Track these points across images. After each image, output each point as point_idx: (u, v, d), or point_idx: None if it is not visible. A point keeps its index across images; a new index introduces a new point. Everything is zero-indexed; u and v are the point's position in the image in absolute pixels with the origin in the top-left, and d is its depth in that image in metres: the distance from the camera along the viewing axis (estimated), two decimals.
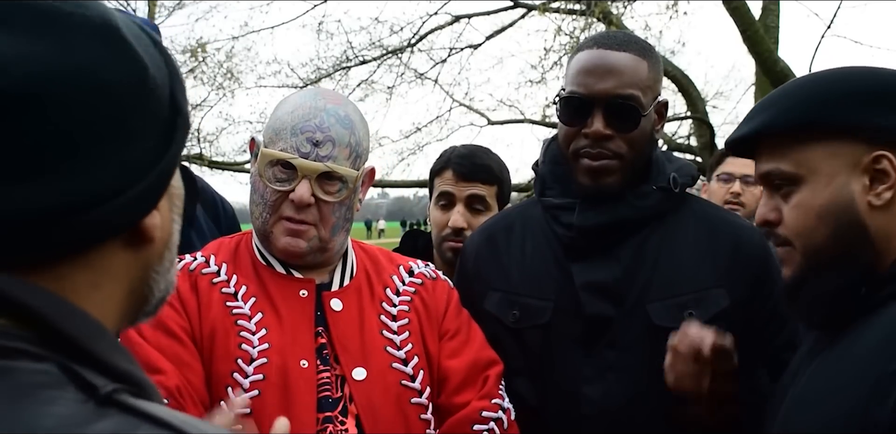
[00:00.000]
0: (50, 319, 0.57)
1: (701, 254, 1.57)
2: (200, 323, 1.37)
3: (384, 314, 1.47)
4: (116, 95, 0.60)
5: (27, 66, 0.56)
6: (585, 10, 8.73)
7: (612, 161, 1.53)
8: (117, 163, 0.60)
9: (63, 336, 0.58)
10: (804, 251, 1.15)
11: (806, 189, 1.13)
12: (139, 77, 0.62)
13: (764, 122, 1.16)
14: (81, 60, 0.59)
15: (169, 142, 0.65)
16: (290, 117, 1.41)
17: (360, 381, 1.38)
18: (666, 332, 1.51)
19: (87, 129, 0.58)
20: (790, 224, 1.15)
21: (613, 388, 1.52)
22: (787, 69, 6.86)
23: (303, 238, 1.42)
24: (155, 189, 0.64)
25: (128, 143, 0.61)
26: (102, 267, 0.63)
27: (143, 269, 0.68)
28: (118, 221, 0.62)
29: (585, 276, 1.56)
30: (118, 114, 0.60)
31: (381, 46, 11.15)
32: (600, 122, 1.51)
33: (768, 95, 1.22)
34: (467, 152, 2.12)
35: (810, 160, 1.13)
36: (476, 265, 1.69)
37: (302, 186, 1.39)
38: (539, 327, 1.58)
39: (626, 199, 1.56)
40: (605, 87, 1.50)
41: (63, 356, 0.57)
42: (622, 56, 1.52)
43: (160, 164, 0.64)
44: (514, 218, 1.73)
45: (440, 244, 2.04)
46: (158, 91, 0.64)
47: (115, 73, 0.60)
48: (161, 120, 0.64)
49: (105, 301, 0.64)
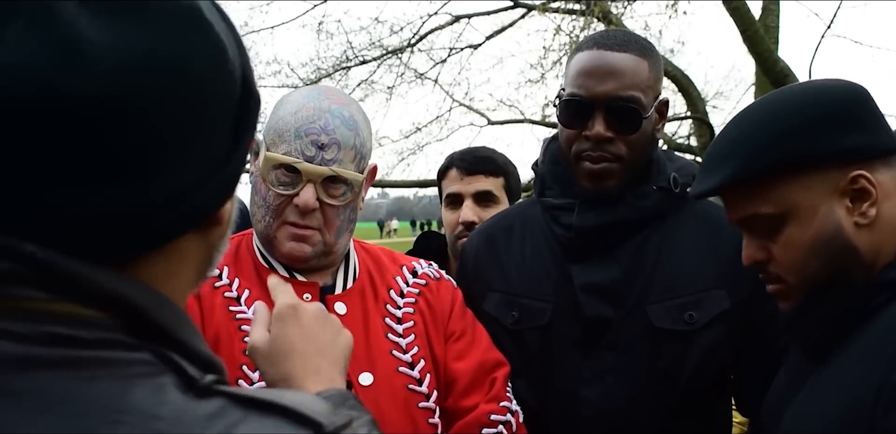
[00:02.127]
0: (144, 310, 0.57)
1: (702, 254, 1.56)
2: (204, 329, 1.33)
3: (389, 317, 1.45)
4: (203, 85, 0.58)
5: (118, 54, 0.53)
6: (585, 10, 8.72)
7: (613, 164, 1.52)
8: (201, 153, 0.58)
9: (156, 325, 0.58)
10: (800, 286, 1.15)
11: (792, 226, 1.13)
12: (220, 61, 0.60)
13: (733, 174, 1.14)
14: (173, 46, 0.56)
15: (244, 127, 0.62)
16: (294, 119, 1.37)
17: (367, 386, 1.36)
18: (666, 334, 1.51)
19: (176, 123, 0.56)
20: (783, 262, 1.15)
21: (612, 390, 1.51)
22: (787, 69, 6.85)
23: (307, 243, 1.39)
24: (234, 175, 0.63)
25: (209, 133, 0.59)
26: (179, 255, 0.63)
27: (209, 249, 0.68)
28: (200, 213, 0.61)
29: (584, 278, 1.55)
30: (202, 104, 0.58)
31: (381, 46, 11.14)
32: (601, 125, 1.50)
33: (721, 141, 1.18)
34: (469, 149, 2.16)
35: (788, 198, 1.12)
36: (476, 266, 1.69)
37: (307, 191, 1.36)
38: (538, 328, 1.57)
39: (625, 200, 1.56)
40: (605, 89, 1.49)
41: (156, 345, 0.57)
42: (622, 57, 1.50)
43: (237, 150, 0.62)
44: (513, 218, 1.72)
45: (454, 242, 2.06)
46: (234, 74, 0.61)
47: (202, 60, 0.58)
48: (234, 102, 0.61)
49: (179, 286, 0.65)
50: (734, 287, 1.53)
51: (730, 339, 1.53)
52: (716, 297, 1.53)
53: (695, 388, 1.52)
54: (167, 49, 0.55)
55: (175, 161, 0.57)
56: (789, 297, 1.17)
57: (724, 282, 1.54)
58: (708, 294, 1.53)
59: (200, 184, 0.59)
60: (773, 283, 1.19)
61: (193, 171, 0.58)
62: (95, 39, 0.53)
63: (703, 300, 1.52)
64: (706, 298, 1.53)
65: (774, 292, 1.20)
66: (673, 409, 1.52)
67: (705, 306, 1.52)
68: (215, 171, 0.60)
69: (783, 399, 1.22)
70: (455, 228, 2.08)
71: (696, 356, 1.51)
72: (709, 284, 1.54)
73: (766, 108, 1.17)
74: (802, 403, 1.15)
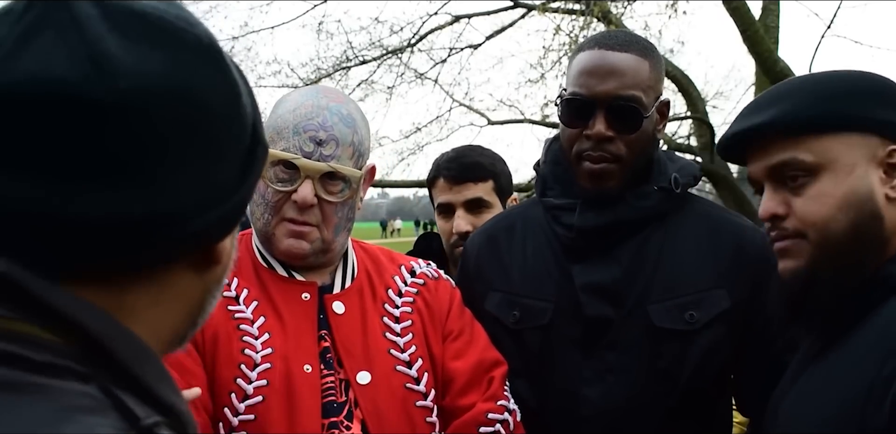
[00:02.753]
0: (97, 338, 0.56)
1: (702, 254, 1.56)
2: (202, 328, 1.34)
3: (387, 316, 1.45)
4: (213, 116, 0.61)
5: (141, 74, 0.56)
6: (585, 10, 8.71)
7: (613, 165, 1.52)
8: (205, 181, 0.61)
9: (110, 357, 0.57)
10: (820, 241, 1.13)
11: (826, 179, 1.12)
12: (234, 101, 0.63)
13: (784, 113, 1.15)
14: (189, 78, 0.59)
15: (250, 169, 0.66)
16: (292, 116, 1.38)
17: (365, 385, 1.36)
18: (666, 334, 1.51)
19: (183, 143, 0.58)
20: (806, 215, 1.13)
21: (613, 390, 1.51)
22: (787, 69, 6.84)
23: (306, 240, 1.40)
24: (235, 212, 0.65)
25: (217, 164, 0.61)
26: (167, 284, 0.63)
27: (203, 292, 0.68)
28: (195, 242, 0.62)
29: (585, 278, 1.55)
30: (212, 134, 0.61)
31: (381, 46, 11.13)
32: (602, 124, 1.50)
33: (771, 92, 1.21)
34: (455, 155, 2.10)
35: (829, 150, 1.12)
36: (477, 265, 1.69)
37: (305, 187, 1.37)
38: (539, 328, 1.57)
39: (626, 200, 1.56)
40: (606, 88, 1.49)
41: (108, 379, 0.56)
42: (624, 57, 1.51)
43: (242, 188, 0.65)
44: (515, 218, 1.73)
45: (451, 252, 2.06)
46: (245, 118, 0.65)
47: (215, 95, 0.61)
48: (244, 147, 0.65)
49: (161, 319, 0.63)
50: (734, 287, 1.53)
51: (730, 339, 1.53)
52: (716, 297, 1.53)
53: (695, 387, 1.52)
54: (184, 76, 0.59)
55: (170, 176, 0.58)
56: (800, 254, 1.15)
57: (724, 282, 1.54)
58: (708, 294, 1.53)
59: (200, 210, 0.60)
60: (787, 238, 1.17)
61: (193, 196, 0.60)
62: (120, 57, 0.56)
63: (704, 300, 1.52)
64: (706, 298, 1.53)
65: (784, 248, 1.17)
66: (673, 408, 1.52)
67: (706, 306, 1.52)
68: (217, 202, 0.62)
69: (781, 391, 1.22)
70: (450, 237, 2.07)
71: (696, 356, 1.51)
72: (709, 284, 1.54)
73: (815, 75, 1.21)
74: (798, 397, 1.15)
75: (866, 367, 1.02)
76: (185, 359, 1.30)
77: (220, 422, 1.29)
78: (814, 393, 1.12)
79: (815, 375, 1.14)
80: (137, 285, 0.60)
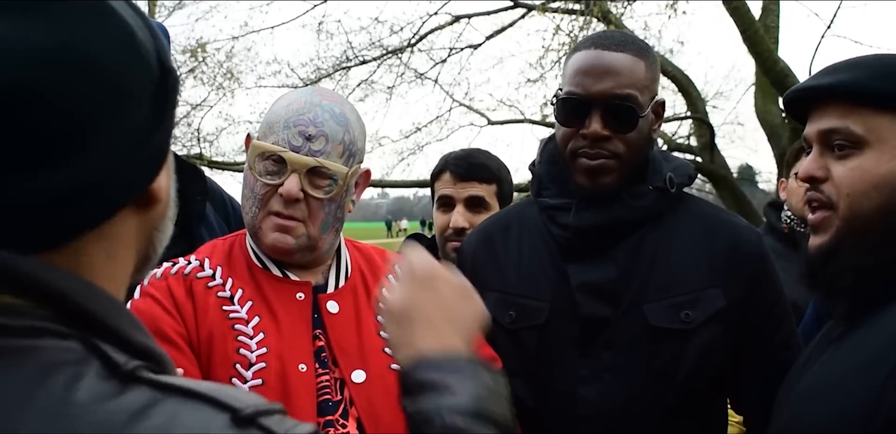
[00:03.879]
0: (71, 297, 0.59)
1: (697, 254, 1.56)
2: (197, 328, 1.35)
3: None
4: (112, 67, 0.60)
5: (24, 48, 0.56)
6: (584, 10, 8.72)
7: (610, 160, 1.52)
8: (121, 133, 0.60)
9: (85, 313, 0.59)
10: (847, 214, 1.13)
11: (870, 155, 1.12)
12: (129, 43, 0.62)
13: (855, 78, 1.14)
14: (77, 37, 0.59)
15: (164, 103, 0.65)
16: (285, 111, 1.40)
17: (360, 383, 1.37)
18: (662, 333, 1.51)
19: (88, 107, 0.58)
20: (843, 183, 1.13)
21: (610, 389, 1.51)
22: (787, 69, 6.85)
23: (291, 234, 1.40)
24: (159, 151, 0.65)
25: (128, 114, 0.61)
26: (116, 235, 0.64)
27: (150, 230, 0.69)
28: (129, 190, 0.63)
29: (581, 277, 1.55)
30: (115, 85, 0.60)
31: (381, 46, 11.13)
32: (598, 123, 1.50)
33: (855, 58, 1.20)
34: (464, 154, 2.15)
35: (882, 129, 1.12)
36: (473, 266, 1.69)
37: (291, 181, 1.37)
38: (535, 328, 1.57)
39: (622, 200, 1.56)
40: (602, 87, 1.50)
41: (85, 333, 0.59)
42: (619, 56, 1.51)
43: (161, 127, 0.64)
44: (511, 218, 1.73)
45: (444, 245, 2.06)
46: (148, 55, 0.64)
47: (108, 45, 0.60)
48: (152, 82, 0.64)
49: (118, 270, 0.66)
50: (730, 286, 1.54)
51: (726, 338, 1.53)
52: (712, 296, 1.53)
53: (692, 387, 1.52)
54: (74, 36, 0.59)
55: (92, 141, 0.59)
56: (829, 227, 1.15)
57: (719, 281, 1.54)
58: (704, 293, 1.53)
59: (124, 160, 0.61)
60: (819, 209, 1.17)
61: (114, 149, 0.60)
62: (6, 34, 0.56)
63: (700, 299, 1.53)
64: (702, 297, 1.53)
65: (816, 221, 1.18)
66: (671, 408, 1.52)
67: (701, 305, 1.52)
68: (138, 147, 0.62)
69: (798, 372, 1.23)
70: (445, 231, 2.09)
71: (692, 355, 1.51)
72: (704, 283, 1.54)
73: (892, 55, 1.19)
74: (817, 377, 1.15)
75: (887, 352, 1.02)
76: (180, 358, 1.30)
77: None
78: (831, 376, 1.12)
79: (836, 356, 1.14)
80: (90, 244, 0.62)
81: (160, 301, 1.35)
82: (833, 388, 1.09)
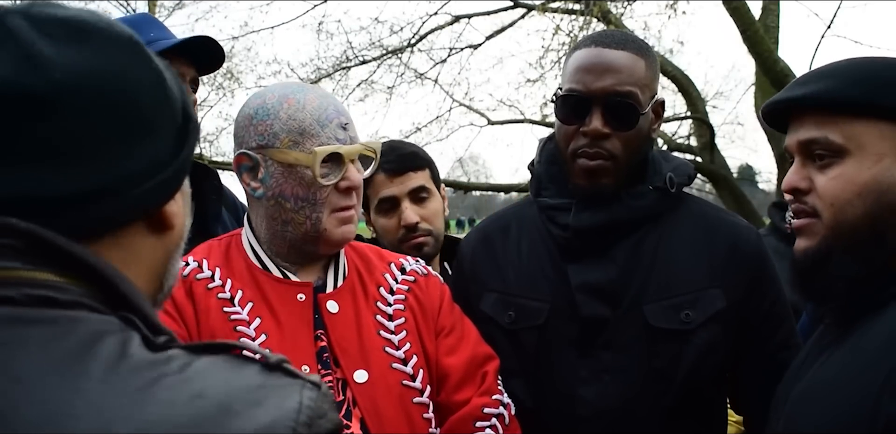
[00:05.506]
0: (111, 279, 0.68)
1: (697, 254, 1.56)
2: (199, 330, 1.34)
3: (380, 314, 1.45)
4: (142, 97, 0.71)
5: (72, 66, 0.67)
6: (584, 10, 8.72)
7: (608, 162, 1.52)
8: (142, 156, 0.70)
9: (121, 295, 0.68)
10: (833, 223, 1.13)
11: (851, 163, 1.12)
12: (159, 83, 0.73)
13: (826, 88, 1.14)
14: (115, 65, 0.69)
15: (183, 143, 0.75)
16: (306, 114, 1.37)
17: (362, 383, 1.37)
18: (662, 334, 1.51)
19: (119, 123, 0.68)
20: (826, 193, 1.13)
21: (609, 390, 1.51)
22: (787, 69, 6.85)
23: (353, 223, 1.44)
24: (173, 180, 0.74)
25: (151, 140, 0.71)
26: (131, 248, 0.73)
27: (164, 255, 0.77)
28: (143, 205, 0.72)
29: (581, 277, 1.55)
30: (143, 113, 0.71)
31: (381, 46, 11.13)
32: (599, 121, 1.50)
33: (827, 66, 1.20)
34: (387, 149, 2.00)
35: (860, 136, 1.11)
36: (472, 266, 1.69)
37: (352, 171, 1.40)
38: (535, 328, 1.57)
39: (621, 200, 1.56)
40: (603, 84, 1.50)
41: (121, 311, 0.67)
42: (620, 54, 1.51)
43: (177, 160, 0.74)
44: (510, 218, 1.73)
45: (398, 248, 1.94)
46: (173, 98, 0.75)
47: (141, 78, 0.71)
48: (176, 124, 0.75)
49: (133, 277, 0.72)
50: (729, 287, 1.54)
51: (725, 338, 1.53)
52: (711, 297, 1.53)
53: (691, 387, 1.52)
54: (110, 65, 0.69)
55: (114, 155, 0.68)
56: (814, 233, 1.15)
57: (719, 281, 1.54)
58: (704, 293, 1.53)
59: (143, 180, 0.70)
60: (804, 216, 1.17)
61: (134, 168, 0.70)
62: (53, 56, 0.67)
63: (700, 299, 1.52)
64: (702, 298, 1.53)
65: (801, 227, 1.18)
66: (670, 408, 1.52)
67: (701, 306, 1.52)
68: (156, 173, 0.72)
69: (792, 379, 1.23)
70: (397, 233, 1.99)
71: (692, 355, 1.51)
72: (704, 284, 1.54)
73: (873, 59, 1.19)
74: (813, 383, 1.15)
75: (883, 357, 1.02)
76: None
77: None
78: (826, 381, 1.12)
79: (830, 362, 1.13)
80: (108, 248, 0.70)
81: None
82: (829, 392, 1.09)
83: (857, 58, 1.20)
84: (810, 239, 1.16)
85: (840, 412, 1.04)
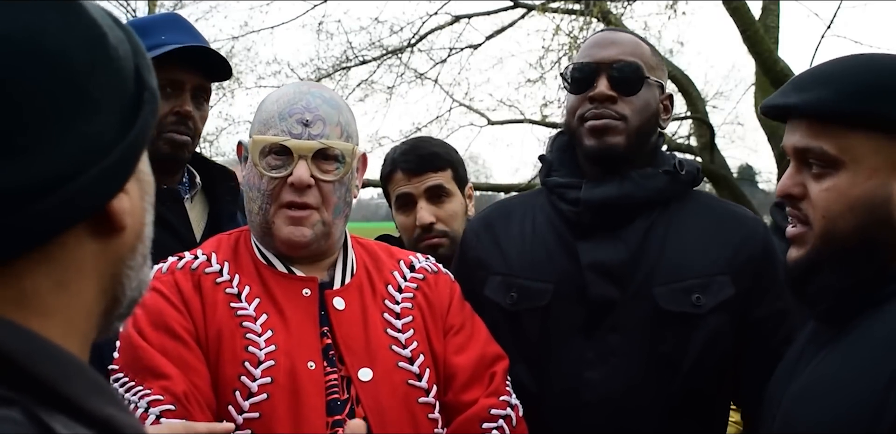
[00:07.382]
0: (17, 360, 0.51)
1: (706, 242, 1.58)
2: (206, 325, 1.34)
3: (387, 312, 1.45)
4: (71, 63, 0.55)
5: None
6: (584, 10, 8.72)
7: (616, 121, 1.56)
8: (76, 137, 0.54)
9: (33, 379, 0.51)
10: (823, 235, 1.13)
11: (844, 175, 1.11)
12: (97, 44, 0.57)
13: (820, 99, 1.11)
14: (33, 28, 0.54)
15: (135, 117, 0.59)
16: (276, 105, 1.41)
17: (367, 382, 1.36)
18: (671, 317, 1.51)
19: (37, 100, 0.53)
20: (818, 204, 1.12)
21: (615, 374, 1.51)
22: (787, 69, 6.85)
23: (306, 225, 1.39)
24: (121, 167, 0.58)
25: (87, 117, 0.55)
26: (68, 260, 0.56)
27: (114, 263, 0.60)
28: (81, 204, 0.55)
29: (592, 256, 1.56)
30: (73, 83, 0.55)
31: (381, 46, 11.13)
32: (605, 85, 1.57)
33: (822, 70, 1.16)
34: (409, 147, 2.04)
35: (855, 148, 1.10)
36: (476, 252, 1.70)
37: (300, 168, 1.37)
38: (538, 310, 1.57)
39: (632, 177, 1.58)
40: (608, 53, 1.59)
41: (32, 399, 0.50)
42: (626, 35, 1.67)
43: (126, 139, 0.58)
44: (513, 206, 1.75)
45: (415, 247, 1.95)
46: (121, 62, 0.59)
47: (68, 39, 0.55)
48: (126, 93, 0.59)
49: (71, 303, 0.57)
50: (738, 275, 1.54)
51: (731, 328, 1.54)
52: (721, 283, 1.54)
53: (694, 379, 1.52)
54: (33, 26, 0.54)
55: (34, 142, 0.52)
56: (805, 242, 1.15)
57: (728, 269, 1.55)
58: (714, 279, 1.54)
59: (77, 171, 0.54)
60: (797, 223, 1.17)
61: (63, 157, 0.54)
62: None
63: (710, 285, 1.53)
64: (712, 283, 1.53)
65: (793, 235, 1.17)
66: (673, 407, 1.52)
67: (712, 291, 1.53)
68: (95, 159, 0.55)
69: (785, 378, 1.22)
70: (413, 232, 1.98)
71: (698, 342, 1.51)
72: (714, 270, 1.55)
73: (871, 61, 1.15)
74: (806, 385, 1.15)
75: (886, 355, 1.02)
76: (188, 355, 1.30)
77: (224, 420, 1.28)
78: (825, 380, 1.12)
79: (829, 360, 1.13)
80: (34, 268, 0.54)
81: (167, 295, 1.35)
82: (831, 391, 1.09)
83: (857, 57, 1.18)
84: (801, 248, 1.16)
85: (843, 410, 1.04)
